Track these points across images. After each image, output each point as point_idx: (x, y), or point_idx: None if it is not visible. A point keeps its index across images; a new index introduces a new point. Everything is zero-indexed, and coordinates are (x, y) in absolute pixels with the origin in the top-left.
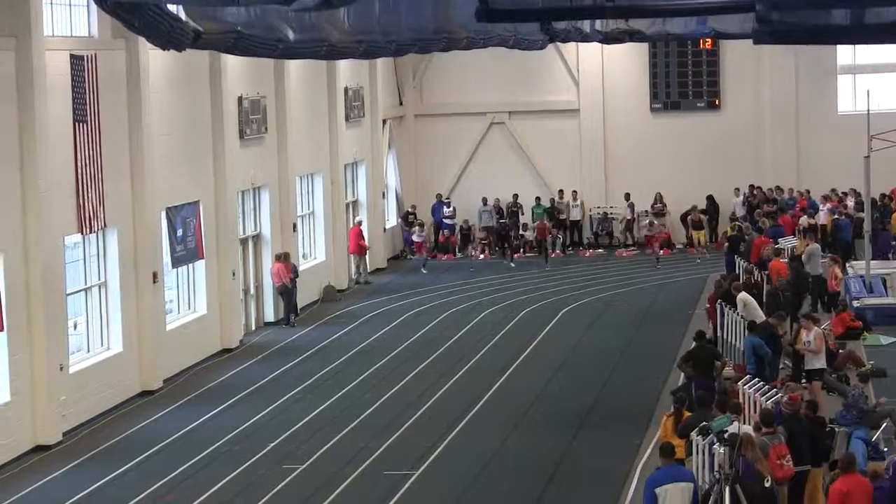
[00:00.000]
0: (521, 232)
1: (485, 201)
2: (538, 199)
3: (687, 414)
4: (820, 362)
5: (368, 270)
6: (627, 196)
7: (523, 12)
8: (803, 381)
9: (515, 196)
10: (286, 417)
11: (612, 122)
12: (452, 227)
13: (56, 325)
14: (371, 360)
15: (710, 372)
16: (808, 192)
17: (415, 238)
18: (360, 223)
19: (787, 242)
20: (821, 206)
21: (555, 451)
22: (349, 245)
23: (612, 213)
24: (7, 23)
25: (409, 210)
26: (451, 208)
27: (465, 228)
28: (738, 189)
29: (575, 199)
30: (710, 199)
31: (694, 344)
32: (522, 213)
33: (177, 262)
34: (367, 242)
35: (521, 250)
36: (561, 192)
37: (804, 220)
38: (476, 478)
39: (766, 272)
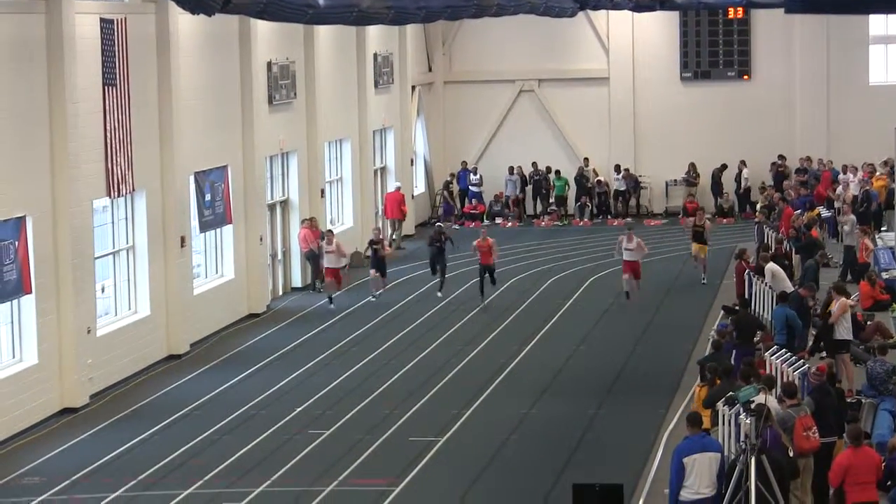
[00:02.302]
0: (550, 200)
1: (511, 170)
2: (558, 171)
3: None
4: (845, 334)
5: (402, 236)
6: (617, 168)
7: None
8: (823, 353)
9: (534, 164)
10: (312, 383)
11: (642, 91)
12: (479, 195)
13: (84, 289)
14: (397, 326)
15: (752, 340)
16: (830, 162)
17: (327, 260)
18: (399, 188)
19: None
20: (851, 178)
21: (580, 419)
22: (386, 209)
23: (642, 182)
24: None
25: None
26: (478, 176)
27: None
28: (743, 161)
29: (618, 171)
30: (741, 166)
31: (729, 315)
32: (546, 181)
33: (205, 226)
34: (406, 207)
35: (548, 217)
36: (586, 160)
37: (840, 192)
38: (501, 446)
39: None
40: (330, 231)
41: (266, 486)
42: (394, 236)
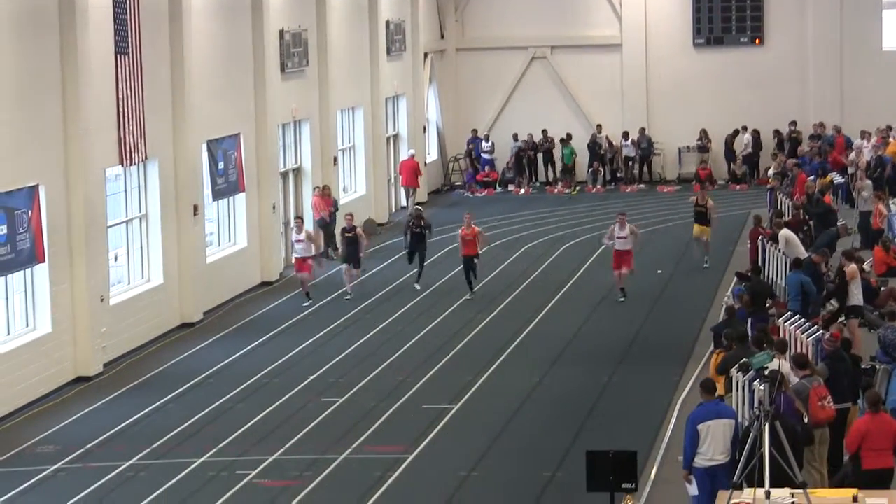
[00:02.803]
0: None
1: (515, 137)
2: (562, 139)
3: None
4: (857, 300)
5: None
6: (625, 135)
7: None
8: (841, 319)
9: (544, 132)
10: (325, 351)
11: (655, 58)
12: (492, 161)
13: (97, 257)
14: (409, 295)
15: (765, 306)
16: (840, 129)
17: (295, 251)
18: (413, 156)
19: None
20: (865, 144)
21: (594, 386)
22: (402, 177)
23: (656, 148)
24: None
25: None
26: (490, 143)
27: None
28: (744, 127)
29: (626, 137)
30: (755, 133)
31: (742, 282)
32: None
33: (217, 194)
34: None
35: (560, 184)
36: (599, 126)
37: (853, 157)
38: (515, 413)
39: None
40: (300, 218)
41: (280, 453)
42: (410, 202)
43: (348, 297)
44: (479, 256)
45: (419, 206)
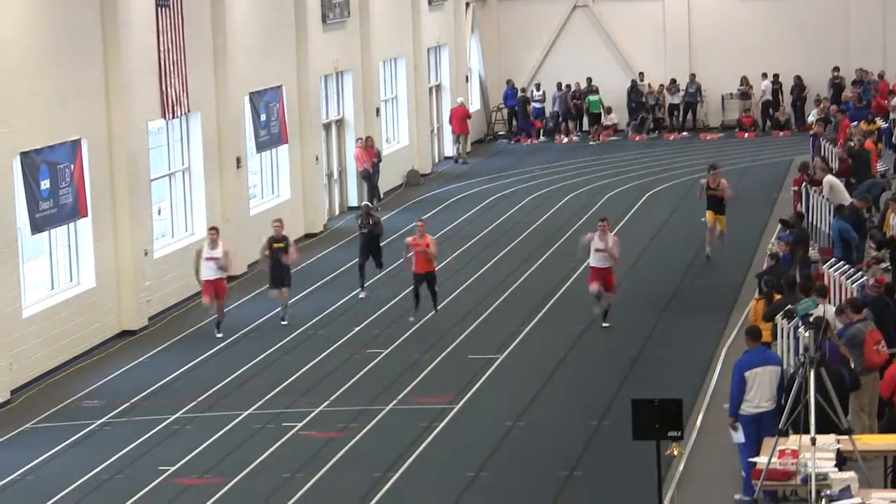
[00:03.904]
0: (605, 115)
1: (559, 86)
2: (590, 88)
3: (778, 297)
4: None
5: (467, 151)
6: (673, 81)
7: None
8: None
9: (589, 80)
10: (370, 302)
11: (698, 5)
12: (542, 110)
13: (140, 211)
14: (455, 244)
15: (807, 253)
16: (883, 74)
17: (205, 271)
18: (462, 103)
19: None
20: None
21: (639, 335)
22: (452, 125)
23: (702, 96)
24: None
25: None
26: (542, 92)
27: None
28: (764, 74)
29: (673, 84)
30: (797, 79)
31: (787, 229)
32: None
33: (260, 146)
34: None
35: (604, 132)
36: (641, 74)
37: None
38: (560, 362)
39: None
40: (214, 229)
41: (325, 405)
42: (460, 150)
43: (284, 322)
44: (434, 274)
45: (368, 203)
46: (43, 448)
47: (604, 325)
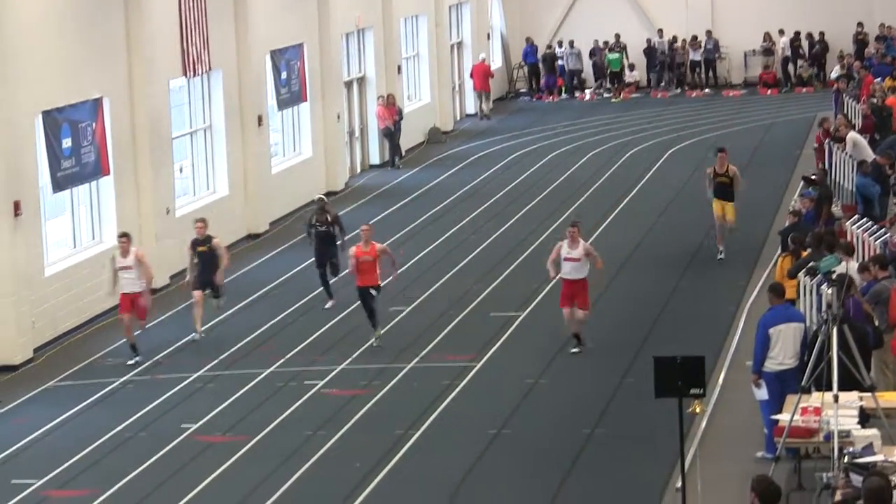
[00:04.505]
0: (627, 72)
1: (571, 44)
2: (610, 45)
3: (804, 254)
4: None
5: (489, 107)
6: (695, 38)
7: None
8: None
9: (618, 36)
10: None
11: None
12: (563, 68)
13: (162, 169)
14: (476, 202)
15: (830, 209)
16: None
17: (120, 284)
18: (484, 59)
19: None
20: None
21: (661, 292)
22: (474, 82)
23: (722, 53)
24: None
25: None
26: (566, 49)
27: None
28: (782, 30)
29: (695, 41)
30: (821, 35)
31: (810, 186)
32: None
33: (282, 104)
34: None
35: (626, 90)
36: (660, 31)
37: None
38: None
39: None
40: (125, 236)
41: (347, 363)
42: (483, 106)
43: (196, 335)
44: (380, 289)
45: (323, 196)
46: (66, 406)
47: (573, 350)
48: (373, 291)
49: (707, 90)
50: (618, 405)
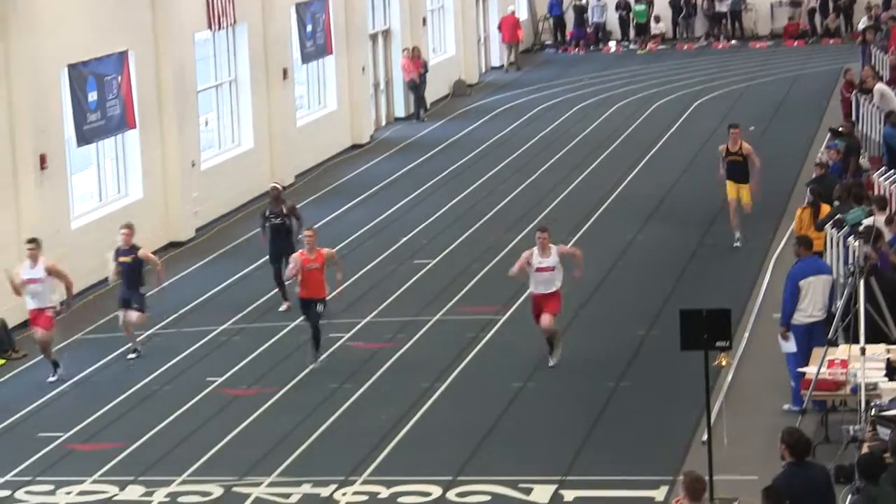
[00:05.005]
0: (653, 23)
1: None
2: None
3: (825, 207)
4: None
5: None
6: None
7: None
8: None
9: None
10: (417, 212)
11: None
12: (592, 19)
13: (187, 122)
14: (502, 154)
15: (858, 161)
16: None
17: (28, 297)
18: (513, 12)
19: None
20: None
21: (686, 245)
22: (502, 34)
23: (748, 4)
24: None
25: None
26: (595, 0)
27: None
28: None
29: None
30: None
31: (836, 137)
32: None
33: (307, 57)
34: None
35: (652, 41)
36: None
37: None
38: (608, 271)
39: None
40: (33, 242)
41: (372, 316)
42: (511, 58)
43: (133, 355)
44: (326, 303)
45: (277, 184)
46: (92, 359)
47: (551, 363)
48: (319, 306)
49: (733, 42)
50: (643, 358)
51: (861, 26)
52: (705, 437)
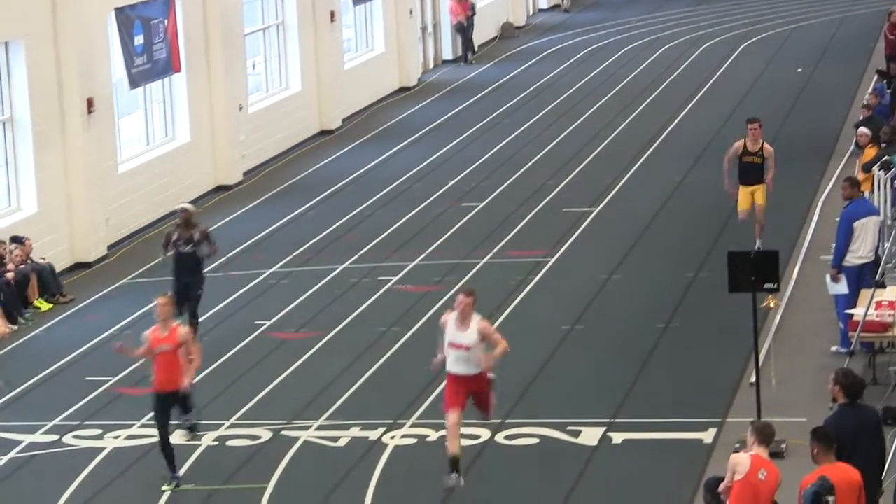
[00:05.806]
0: None
1: None
2: None
3: (869, 149)
4: None
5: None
6: None
7: None
8: None
9: None
10: (465, 155)
11: None
12: None
13: (235, 66)
14: (549, 97)
15: None
16: None
17: None
18: None
19: None
20: None
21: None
22: None
23: None
24: None
25: None
26: None
27: None
28: None
29: None
30: None
31: (883, 79)
32: None
33: (356, 0)
34: None
35: None
36: None
37: None
38: (656, 214)
39: None
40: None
41: (421, 259)
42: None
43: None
44: (189, 396)
45: (188, 206)
46: (139, 302)
47: (449, 484)
48: (178, 396)
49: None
50: (692, 300)
51: None
52: (753, 379)
